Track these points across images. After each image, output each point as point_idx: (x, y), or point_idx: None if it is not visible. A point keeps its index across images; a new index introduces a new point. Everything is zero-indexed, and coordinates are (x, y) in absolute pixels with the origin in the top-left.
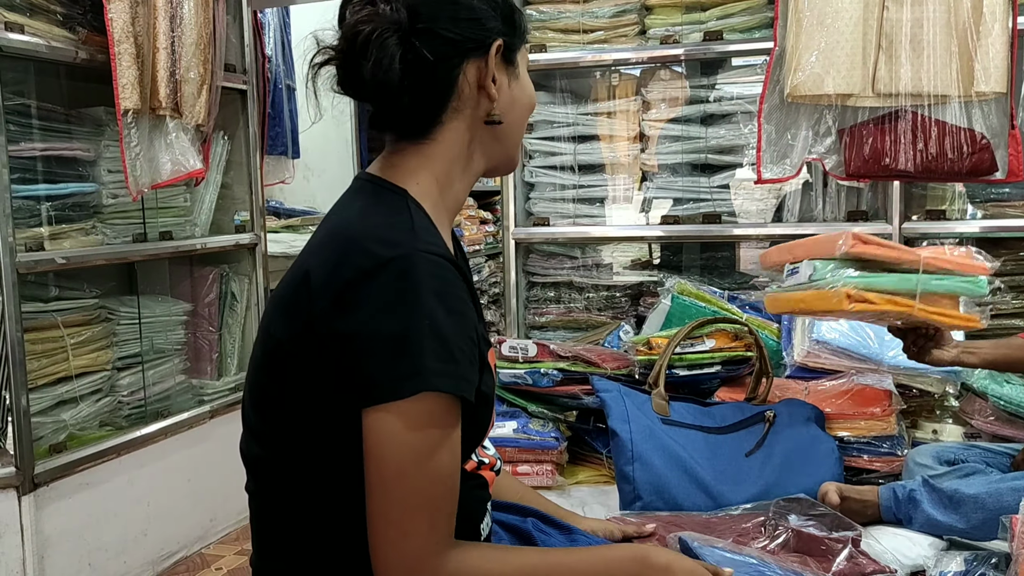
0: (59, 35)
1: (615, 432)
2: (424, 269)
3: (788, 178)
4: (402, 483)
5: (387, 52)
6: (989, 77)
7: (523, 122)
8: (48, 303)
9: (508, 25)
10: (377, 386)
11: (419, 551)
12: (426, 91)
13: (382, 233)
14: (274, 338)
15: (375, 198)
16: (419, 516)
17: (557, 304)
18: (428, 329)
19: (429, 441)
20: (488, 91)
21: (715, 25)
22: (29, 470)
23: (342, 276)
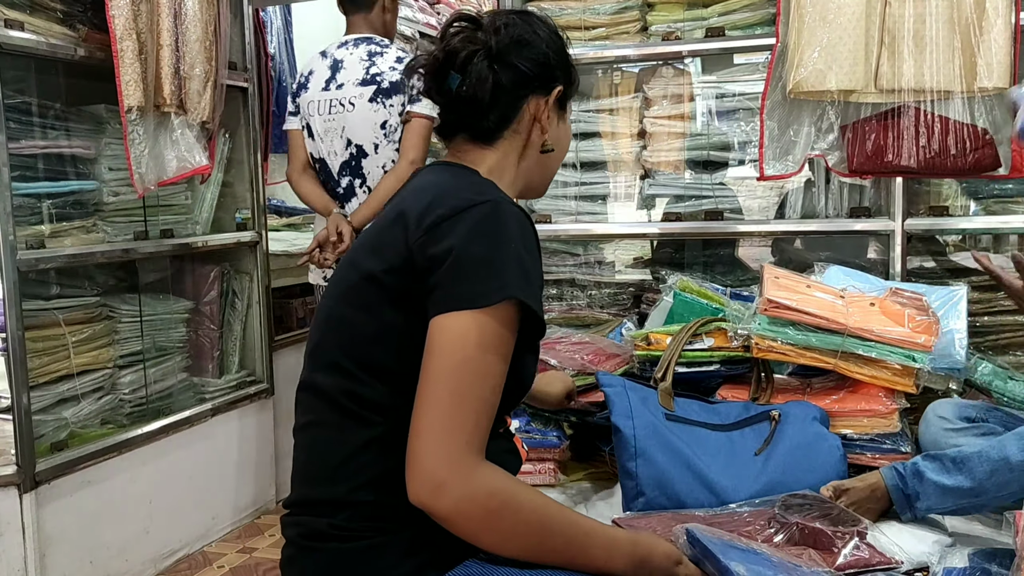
0: (59, 32)
1: (618, 428)
2: (510, 213)
3: (791, 175)
4: (462, 375)
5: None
6: (992, 73)
7: (560, 157)
8: (49, 301)
9: (566, 76)
10: (458, 295)
11: (460, 448)
12: (491, 109)
13: (473, 187)
14: (362, 272)
15: (456, 170)
16: (466, 414)
17: (560, 301)
18: (512, 255)
19: (497, 344)
20: (542, 124)
21: (717, 21)
22: (30, 468)
23: (437, 212)
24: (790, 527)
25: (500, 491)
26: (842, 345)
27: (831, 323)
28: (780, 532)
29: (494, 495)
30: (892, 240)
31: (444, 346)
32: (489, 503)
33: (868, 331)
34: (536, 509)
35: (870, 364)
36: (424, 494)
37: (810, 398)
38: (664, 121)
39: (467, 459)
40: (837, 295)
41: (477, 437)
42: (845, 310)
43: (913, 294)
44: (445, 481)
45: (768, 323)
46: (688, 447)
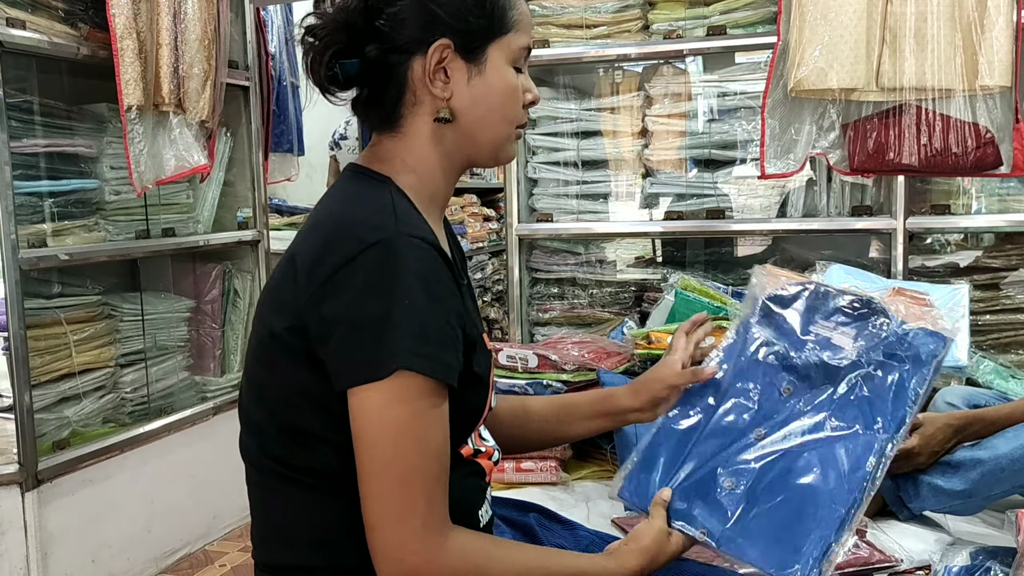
0: (61, 31)
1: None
2: (405, 252)
3: (792, 173)
4: (394, 462)
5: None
6: (994, 71)
7: (492, 118)
8: (51, 300)
9: (469, 20)
10: (357, 367)
11: (419, 530)
12: (379, 87)
13: (365, 218)
14: (267, 329)
15: (360, 186)
16: (415, 494)
17: (560, 301)
18: (407, 310)
19: (414, 419)
20: (430, 89)
21: (718, 20)
22: (32, 467)
23: (328, 262)
24: None
25: (473, 567)
26: None
27: None
28: None
29: (468, 571)
30: (894, 239)
31: (368, 433)
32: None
33: None
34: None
35: None
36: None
37: None
38: (665, 120)
39: (429, 540)
40: None
41: (434, 513)
42: None
43: (916, 293)
44: (415, 569)
45: None
46: None
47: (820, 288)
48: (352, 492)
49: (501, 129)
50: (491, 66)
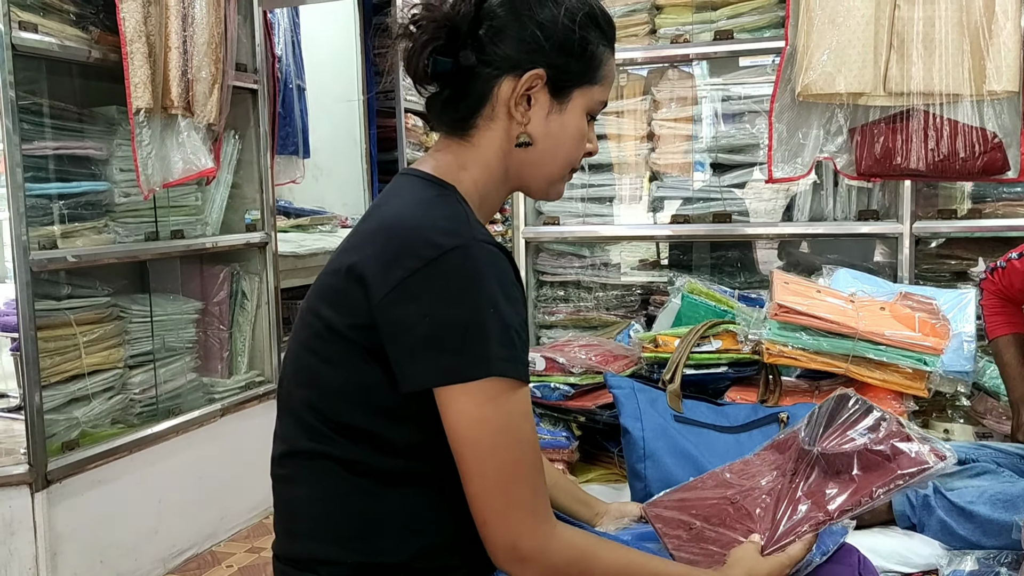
0: (72, 34)
1: (627, 429)
2: (484, 258)
3: (799, 177)
4: (494, 458)
5: (425, 41)
6: (1001, 76)
7: (557, 156)
8: (61, 301)
9: (568, 60)
10: (446, 368)
11: (528, 519)
12: (463, 92)
13: (441, 224)
14: (324, 323)
15: (427, 191)
16: (520, 486)
17: (566, 303)
18: (492, 316)
19: (507, 417)
20: (512, 112)
21: (725, 24)
22: (42, 467)
23: (404, 264)
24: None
25: (580, 558)
26: (853, 349)
27: (842, 327)
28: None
29: (574, 563)
30: (900, 243)
31: (463, 433)
32: (570, 571)
33: (879, 335)
34: (618, 568)
35: (881, 368)
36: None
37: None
38: (672, 123)
39: (539, 528)
40: (847, 300)
41: (539, 502)
42: (855, 314)
43: (923, 298)
44: (525, 558)
45: (779, 328)
46: (696, 449)
47: None
48: (387, 488)
49: (561, 167)
50: (571, 108)
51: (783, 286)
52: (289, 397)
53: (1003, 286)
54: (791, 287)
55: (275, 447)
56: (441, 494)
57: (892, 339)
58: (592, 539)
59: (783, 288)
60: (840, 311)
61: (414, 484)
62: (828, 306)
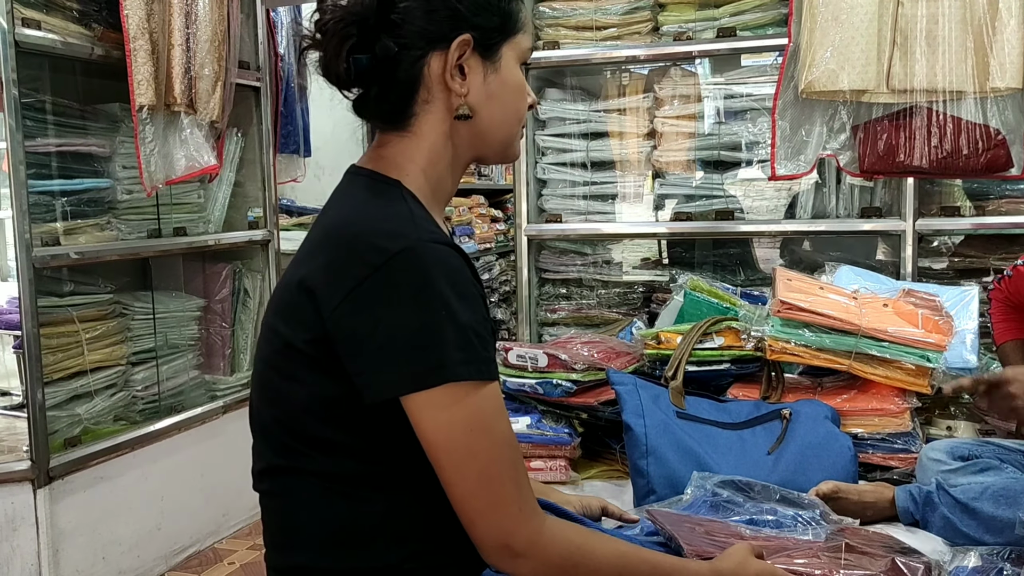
0: (75, 31)
1: (629, 426)
2: (432, 258)
3: (802, 175)
4: (472, 460)
5: (339, 43)
6: (1005, 73)
7: (507, 116)
8: (63, 298)
9: (487, 17)
10: (405, 377)
11: (516, 515)
12: (391, 83)
13: (384, 226)
14: (283, 340)
15: (370, 191)
16: (502, 484)
17: (568, 301)
18: (446, 318)
19: (476, 415)
20: (449, 85)
21: (728, 22)
22: (44, 464)
23: (352, 274)
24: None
25: (574, 551)
26: (856, 346)
27: (845, 324)
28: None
29: (568, 556)
30: (903, 240)
31: (435, 438)
32: (565, 565)
33: (882, 331)
34: (612, 560)
35: (884, 365)
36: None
37: (821, 397)
38: (674, 121)
39: (528, 522)
40: (850, 296)
41: (525, 496)
42: (858, 311)
43: (927, 295)
44: (518, 554)
45: (781, 325)
46: (699, 445)
47: None
48: (367, 495)
49: (513, 126)
50: (505, 64)
51: (786, 283)
52: (258, 415)
53: (1009, 293)
54: (794, 284)
55: (253, 462)
56: (424, 495)
57: (895, 336)
58: (584, 531)
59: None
60: (843, 308)
61: (394, 488)
62: (831, 303)
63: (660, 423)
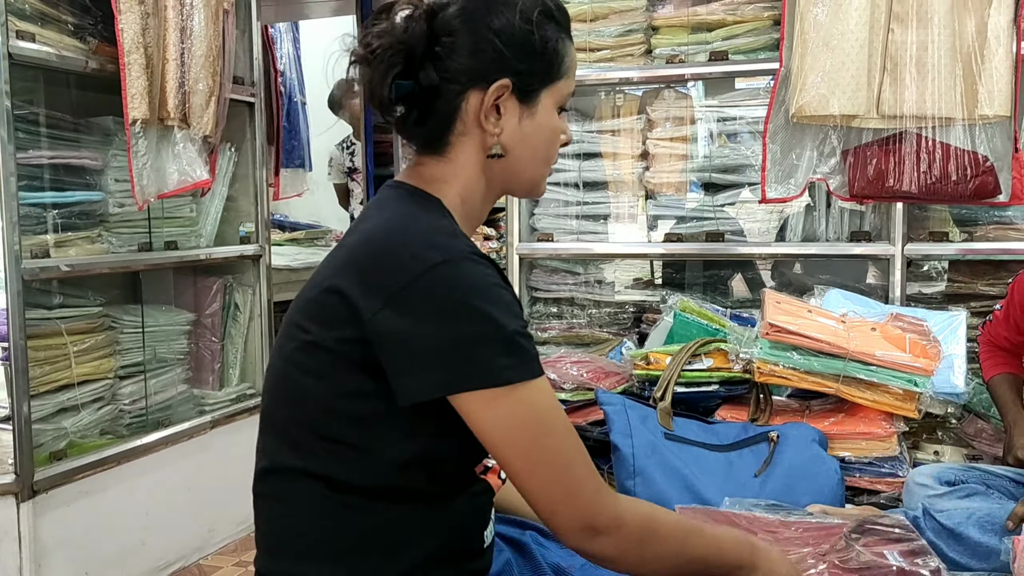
0: (70, 45)
1: (617, 446)
2: (473, 271)
3: (793, 198)
4: (540, 453)
5: (386, 70)
6: (993, 101)
7: (536, 158)
8: (52, 310)
9: (530, 63)
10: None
11: (594, 495)
12: (430, 111)
13: (427, 237)
14: (310, 337)
15: (413, 203)
16: (574, 470)
17: (559, 320)
18: (491, 327)
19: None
20: (483, 125)
21: (721, 46)
22: (28, 477)
23: (395, 279)
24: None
25: (648, 520)
26: (844, 369)
27: (833, 347)
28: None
29: (643, 525)
30: (892, 265)
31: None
32: (643, 535)
33: (870, 355)
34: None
35: (872, 388)
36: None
37: (809, 420)
38: (667, 143)
39: (606, 500)
40: (838, 320)
41: (597, 479)
42: (847, 335)
43: (914, 319)
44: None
45: (770, 347)
46: (687, 467)
47: None
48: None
49: (542, 168)
50: (542, 109)
51: (775, 306)
52: (272, 412)
53: (991, 335)
54: (783, 307)
55: (257, 462)
56: (427, 509)
57: (883, 360)
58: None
59: (775, 308)
60: (831, 331)
61: (399, 501)
62: (819, 326)
63: (648, 444)
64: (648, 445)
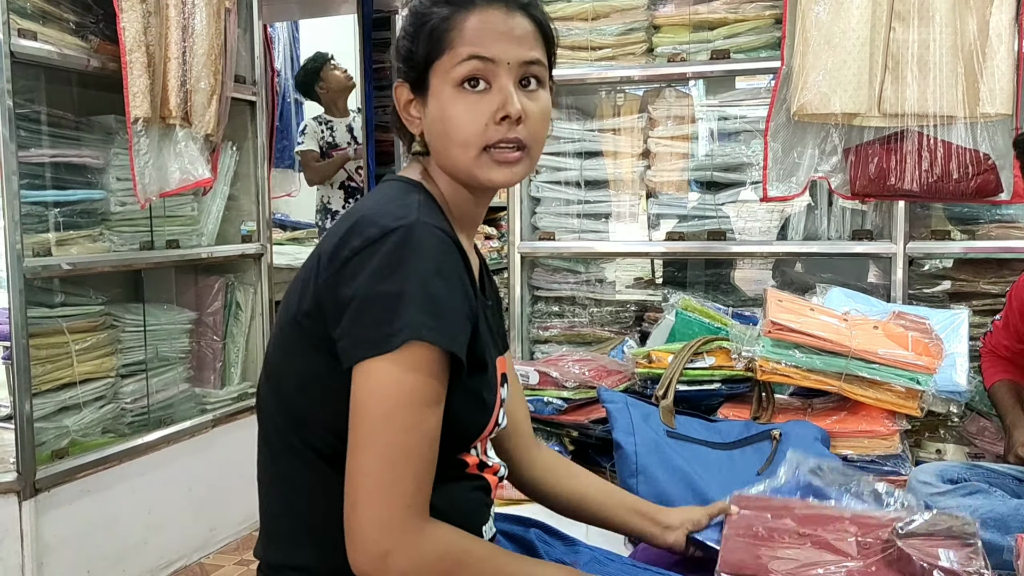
0: (71, 43)
1: (619, 444)
2: (424, 236)
3: (794, 196)
4: (387, 435)
5: None
6: (995, 99)
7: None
8: (54, 309)
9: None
10: (368, 341)
11: (402, 511)
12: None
13: (392, 209)
14: (290, 315)
15: (391, 188)
16: (404, 474)
17: (561, 319)
18: (419, 288)
19: (415, 394)
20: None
21: (722, 44)
22: (30, 476)
23: (349, 246)
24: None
25: (450, 552)
26: (846, 367)
27: (835, 345)
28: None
29: (444, 557)
30: (894, 263)
31: (365, 405)
32: (439, 566)
33: (872, 353)
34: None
35: (874, 387)
36: (369, 567)
37: (811, 418)
38: (668, 142)
39: (411, 524)
40: (840, 318)
41: (419, 498)
42: (848, 333)
43: (916, 317)
44: (390, 551)
45: (772, 345)
46: (689, 465)
47: None
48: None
49: (460, 154)
50: (432, 94)
51: (777, 304)
52: (262, 398)
53: (992, 346)
54: (784, 305)
55: (258, 451)
56: None
57: (885, 358)
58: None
59: (777, 306)
60: (833, 329)
61: None
62: (821, 324)
63: (650, 442)
64: (650, 443)
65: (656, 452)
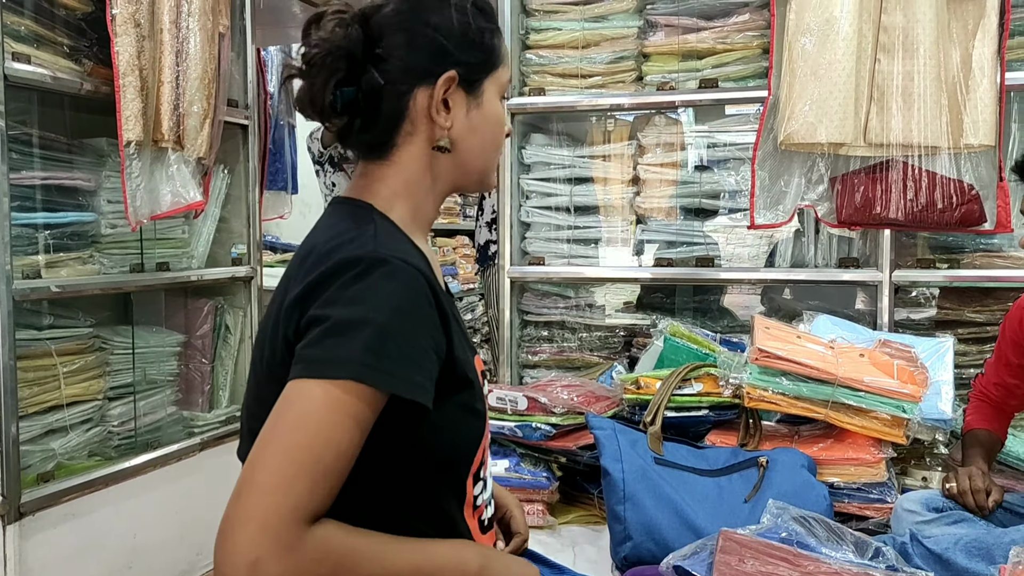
0: (65, 66)
1: (607, 471)
2: (383, 269)
3: (781, 224)
4: (295, 435)
5: (326, 76)
6: (978, 130)
7: (486, 148)
8: (42, 331)
9: (472, 53)
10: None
11: (288, 512)
12: (376, 115)
13: (346, 241)
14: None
15: (342, 215)
16: (301, 475)
17: (550, 343)
18: (370, 322)
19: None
20: (434, 119)
21: (711, 73)
22: (15, 499)
23: (308, 281)
24: None
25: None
26: (832, 395)
27: (822, 373)
28: None
29: (322, 561)
30: (880, 291)
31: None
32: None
33: (858, 381)
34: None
35: (860, 414)
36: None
37: (798, 445)
38: (657, 168)
39: (292, 530)
40: (827, 346)
41: (310, 507)
42: (835, 360)
43: (902, 346)
44: (261, 558)
45: (759, 372)
46: (676, 492)
47: None
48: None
49: (491, 158)
50: (487, 99)
51: (764, 331)
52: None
53: (982, 388)
54: (772, 332)
55: None
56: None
57: (871, 386)
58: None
59: (764, 333)
60: (820, 357)
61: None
62: (808, 352)
63: (638, 468)
64: (638, 470)
65: (644, 479)
